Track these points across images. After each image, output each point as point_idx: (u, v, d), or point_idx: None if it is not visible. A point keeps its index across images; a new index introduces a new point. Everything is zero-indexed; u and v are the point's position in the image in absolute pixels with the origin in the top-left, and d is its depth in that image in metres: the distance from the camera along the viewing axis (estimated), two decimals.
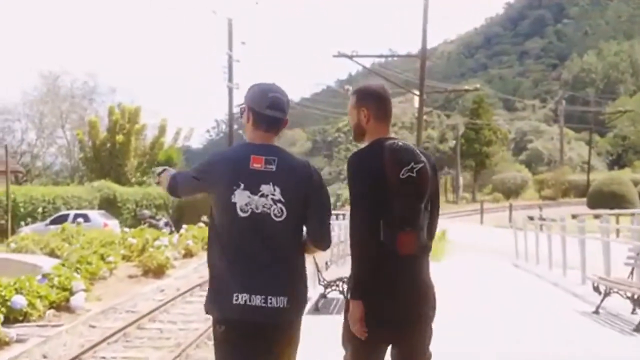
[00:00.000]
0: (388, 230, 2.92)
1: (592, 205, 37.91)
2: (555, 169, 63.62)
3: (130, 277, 14.55)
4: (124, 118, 34.91)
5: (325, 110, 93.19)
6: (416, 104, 25.36)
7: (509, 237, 18.62)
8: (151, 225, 26.72)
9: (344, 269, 9.71)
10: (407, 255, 2.96)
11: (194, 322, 9.86)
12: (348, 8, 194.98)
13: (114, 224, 26.43)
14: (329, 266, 9.91)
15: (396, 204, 2.94)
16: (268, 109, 2.94)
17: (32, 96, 44.51)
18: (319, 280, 8.41)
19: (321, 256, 9.18)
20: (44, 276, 10.85)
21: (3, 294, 9.53)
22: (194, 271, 15.98)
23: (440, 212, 3.22)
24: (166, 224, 28.16)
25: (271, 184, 2.85)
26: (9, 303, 9.44)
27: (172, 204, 30.91)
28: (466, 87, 36.04)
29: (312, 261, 8.14)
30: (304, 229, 2.97)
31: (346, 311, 2.99)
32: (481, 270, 14.08)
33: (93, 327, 9.73)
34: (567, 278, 11.46)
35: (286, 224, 2.87)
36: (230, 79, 28.56)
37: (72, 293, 10.69)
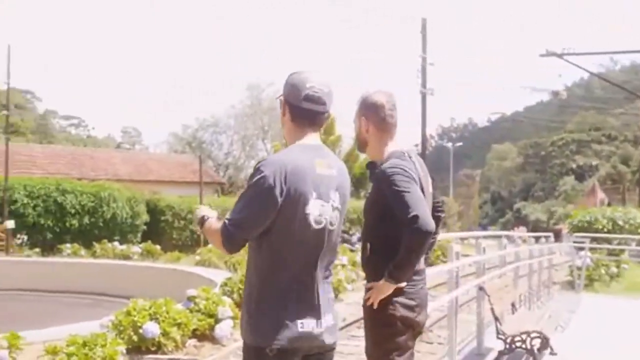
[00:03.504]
0: None
1: None
2: None
3: None
4: None
5: (537, 123, 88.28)
6: None
7: None
8: (344, 241, 25.55)
9: (535, 315, 7.55)
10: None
11: None
12: (557, 7, 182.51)
13: None
14: (516, 310, 7.64)
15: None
16: (305, 102, 2.69)
17: (239, 109, 45.87)
18: (497, 332, 6.24)
19: (503, 296, 7.00)
20: (189, 299, 9.68)
21: (136, 319, 8.45)
22: None
23: None
24: (360, 239, 26.83)
25: (334, 189, 2.68)
26: (140, 331, 8.33)
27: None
28: None
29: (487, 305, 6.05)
30: None
31: (376, 326, 3.23)
32: None
33: None
34: None
35: (339, 232, 2.75)
36: (423, 84, 26.59)
37: (217, 320, 9.38)
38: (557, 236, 34.05)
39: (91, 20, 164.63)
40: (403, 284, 3.15)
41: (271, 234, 2.58)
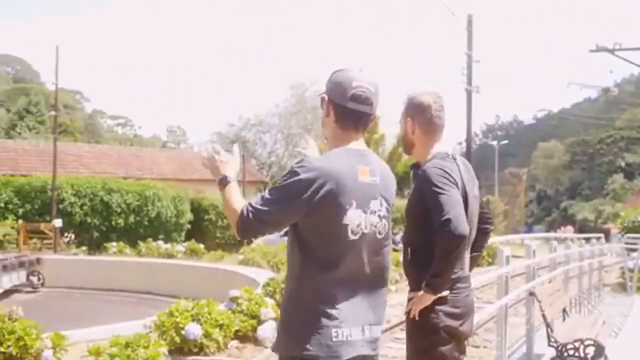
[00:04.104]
0: None
1: None
2: None
3: None
4: None
5: (584, 120, 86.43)
6: None
7: None
8: None
9: (588, 321, 7.25)
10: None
11: None
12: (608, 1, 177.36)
13: None
14: (567, 316, 7.36)
15: (468, 221, 2.92)
16: (351, 102, 2.53)
17: (282, 108, 45.94)
18: (549, 339, 6.00)
19: (555, 301, 6.75)
20: (232, 300, 9.63)
21: (178, 320, 8.42)
22: None
23: None
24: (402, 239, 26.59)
25: (379, 198, 2.54)
26: (183, 332, 8.29)
27: None
28: None
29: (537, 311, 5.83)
30: None
31: (418, 335, 3.08)
32: None
33: None
34: None
35: (386, 241, 2.60)
36: (469, 82, 26.13)
37: (259, 321, 9.31)
38: (606, 236, 33.22)
39: (137, 20, 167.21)
40: (445, 293, 3.01)
41: (310, 242, 2.48)
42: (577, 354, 5.87)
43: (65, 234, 24.34)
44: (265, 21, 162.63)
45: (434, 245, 2.89)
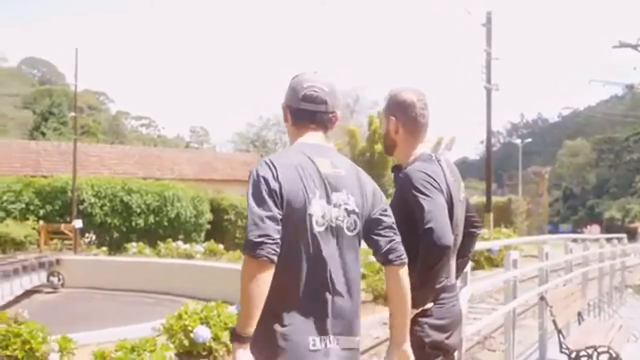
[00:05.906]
0: None
1: None
2: None
3: None
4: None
5: (611, 118, 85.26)
6: None
7: None
8: None
9: (604, 326, 7.01)
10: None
11: None
12: None
13: None
14: (583, 319, 7.11)
15: (453, 228, 2.79)
16: (303, 102, 2.54)
17: None
18: (560, 345, 5.79)
19: (569, 305, 6.53)
20: None
21: (187, 323, 8.32)
22: None
23: None
24: None
25: (344, 191, 2.44)
26: (191, 335, 8.19)
27: None
28: None
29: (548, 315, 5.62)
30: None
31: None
32: None
33: None
34: None
35: (357, 241, 2.47)
36: (488, 80, 25.75)
37: None
38: (632, 235, 32.68)
39: (162, 22, 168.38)
40: (429, 305, 2.83)
41: None
42: None
43: (86, 235, 24.43)
44: (289, 21, 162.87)
45: (416, 253, 2.72)
